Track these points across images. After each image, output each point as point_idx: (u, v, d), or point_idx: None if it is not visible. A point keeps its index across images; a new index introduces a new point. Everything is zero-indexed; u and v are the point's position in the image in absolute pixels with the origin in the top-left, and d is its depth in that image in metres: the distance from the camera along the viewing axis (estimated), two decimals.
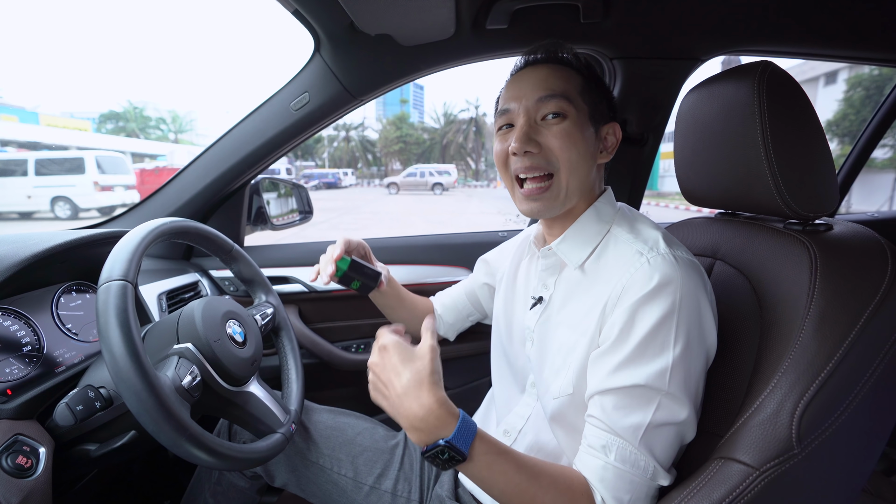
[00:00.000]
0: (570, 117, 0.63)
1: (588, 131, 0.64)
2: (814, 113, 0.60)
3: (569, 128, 0.63)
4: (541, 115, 0.64)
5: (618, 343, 0.56)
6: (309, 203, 1.45)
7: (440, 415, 0.53)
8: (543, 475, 0.56)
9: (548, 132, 0.63)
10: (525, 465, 0.56)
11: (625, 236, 0.63)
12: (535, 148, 0.63)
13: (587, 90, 0.65)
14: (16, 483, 0.56)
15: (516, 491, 0.55)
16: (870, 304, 0.52)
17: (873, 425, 0.56)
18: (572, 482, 0.56)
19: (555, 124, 0.63)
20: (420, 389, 0.53)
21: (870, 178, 11.89)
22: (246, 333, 0.75)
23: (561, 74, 0.65)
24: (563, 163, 0.63)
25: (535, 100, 0.63)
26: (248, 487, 0.91)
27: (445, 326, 1.00)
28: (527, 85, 0.65)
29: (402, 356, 0.56)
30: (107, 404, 0.63)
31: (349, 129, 44.50)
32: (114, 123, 37.65)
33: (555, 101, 0.63)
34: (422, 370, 0.54)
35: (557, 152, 0.63)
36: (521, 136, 0.63)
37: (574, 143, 0.63)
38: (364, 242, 0.88)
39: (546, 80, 0.64)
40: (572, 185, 0.64)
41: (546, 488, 0.55)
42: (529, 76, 0.66)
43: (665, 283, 0.55)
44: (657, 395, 0.54)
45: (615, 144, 0.69)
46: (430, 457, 0.53)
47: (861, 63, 1.29)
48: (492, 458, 0.54)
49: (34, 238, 0.75)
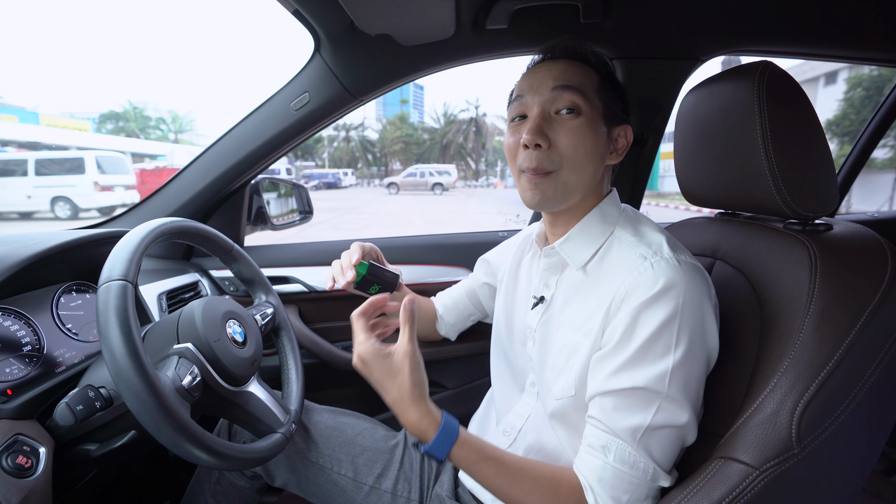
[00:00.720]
0: (584, 114, 0.62)
1: (600, 130, 0.64)
2: (814, 113, 0.60)
3: (581, 125, 0.62)
4: (555, 109, 0.63)
5: (619, 346, 0.56)
6: (309, 203, 1.45)
7: (423, 426, 0.60)
8: (525, 479, 0.59)
9: (560, 127, 0.62)
10: (506, 470, 0.60)
11: (629, 239, 0.63)
12: (545, 143, 0.62)
13: (603, 88, 0.65)
14: (16, 483, 0.56)
15: (500, 493, 0.60)
16: (870, 304, 0.52)
17: (873, 425, 0.56)
18: (559, 484, 0.58)
19: (568, 120, 0.62)
20: (403, 405, 0.61)
21: (870, 178, 11.89)
22: (246, 333, 0.75)
23: (578, 70, 0.64)
24: (569, 161, 0.62)
25: (551, 89, 0.63)
26: (248, 487, 0.91)
27: (447, 327, 1.00)
28: (543, 76, 0.64)
29: (383, 371, 0.62)
30: (107, 404, 0.63)
31: (349, 129, 44.52)
32: (114, 123, 37.66)
33: (570, 93, 0.62)
34: (403, 385, 0.61)
35: (565, 150, 0.62)
36: (533, 127, 0.62)
37: (583, 141, 0.62)
38: (375, 245, 0.85)
39: (564, 72, 0.63)
40: (575, 183, 0.64)
41: (528, 491, 0.58)
42: (546, 69, 0.65)
43: (668, 288, 0.55)
44: (657, 398, 0.54)
45: (625, 147, 0.67)
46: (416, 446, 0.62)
47: (861, 63, 1.29)
48: (471, 463, 0.60)
49: (34, 238, 0.75)
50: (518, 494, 0.58)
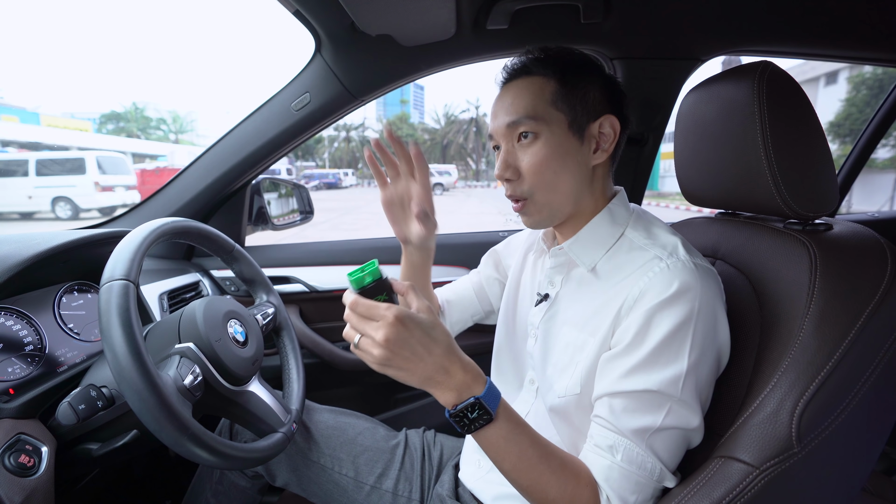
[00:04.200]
0: (542, 135, 0.62)
1: (566, 142, 0.62)
2: (814, 113, 0.60)
3: (540, 149, 0.62)
4: (516, 137, 0.64)
5: (632, 347, 0.56)
6: (310, 203, 1.45)
7: (475, 374, 0.55)
8: (554, 456, 0.57)
9: (522, 154, 0.63)
10: (539, 442, 0.57)
11: (641, 241, 0.62)
12: (513, 175, 0.64)
13: (562, 95, 0.62)
14: (18, 482, 0.57)
15: (527, 465, 0.55)
16: (869, 304, 0.53)
17: (873, 424, 0.56)
18: (580, 471, 0.57)
19: (527, 146, 0.63)
20: (452, 353, 0.54)
21: (870, 178, 11.88)
22: (247, 333, 0.75)
23: (530, 90, 0.62)
24: (538, 185, 0.63)
25: (506, 125, 0.64)
26: (249, 487, 0.91)
27: (448, 324, 0.94)
28: (499, 109, 0.65)
29: (424, 326, 0.53)
30: (109, 403, 0.64)
31: (349, 129, 44.57)
32: (114, 124, 37.72)
33: (523, 123, 0.62)
34: (446, 334, 0.55)
35: (531, 176, 0.63)
36: (499, 164, 0.65)
37: (547, 163, 0.62)
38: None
39: (513, 103, 0.63)
40: (556, 202, 0.64)
41: (554, 470, 0.55)
42: (502, 98, 0.65)
43: (684, 290, 0.54)
44: (668, 401, 0.54)
45: (613, 138, 0.64)
46: (458, 416, 0.54)
47: (861, 63, 1.29)
48: (512, 426, 0.55)
49: (36, 238, 0.75)
50: (542, 471, 0.55)
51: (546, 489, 0.55)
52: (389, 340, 0.51)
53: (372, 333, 0.51)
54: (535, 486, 0.55)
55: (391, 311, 0.51)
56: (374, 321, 0.52)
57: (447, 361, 0.53)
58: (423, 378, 0.53)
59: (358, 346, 0.53)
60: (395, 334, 0.51)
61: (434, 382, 0.54)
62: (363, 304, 0.52)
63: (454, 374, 0.54)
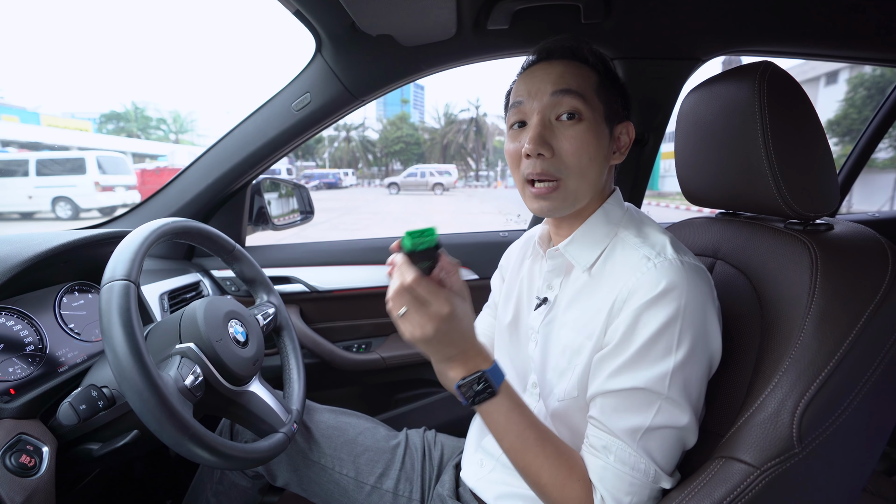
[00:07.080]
0: (586, 119, 0.61)
1: (603, 133, 0.63)
2: (814, 113, 0.60)
3: (583, 131, 0.61)
4: (555, 115, 0.62)
5: (620, 346, 0.56)
6: (310, 203, 1.45)
7: (485, 354, 0.59)
8: (550, 443, 0.59)
9: (562, 134, 0.61)
10: (538, 427, 0.59)
11: (632, 240, 0.62)
12: (547, 151, 0.61)
13: (602, 88, 0.63)
14: (19, 482, 0.57)
15: (523, 446, 0.58)
16: (870, 304, 0.53)
17: (874, 424, 0.56)
18: (575, 463, 0.58)
19: (569, 126, 0.61)
20: (474, 338, 0.58)
21: (871, 178, 11.88)
22: (248, 333, 0.75)
23: (577, 72, 0.62)
24: (574, 168, 0.61)
25: (550, 94, 0.61)
26: (249, 487, 0.91)
27: None
28: (541, 80, 0.62)
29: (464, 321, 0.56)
30: (109, 404, 0.64)
31: (350, 129, 44.54)
32: (115, 124, 37.74)
33: (570, 97, 0.60)
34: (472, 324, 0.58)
35: (569, 157, 0.61)
36: (534, 136, 0.60)
37: (587, 147, 0.61)
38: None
39: (562, 76, 0.62)
40: (582, 189, 0.63)
41: (548, 455, 0.58)
42: (544, 71, 0.62)
43: (670, 289, 0.54)
44: (657, 399, 0.54)
45: (628, 144, 0.66)
46: (465, 386, 0.57)
47: (861, 63, 1.29)
48: (513, 405, 0.59)
49: (36, 238, 0.75)
50: (537, 453, 0.57)
51: (539, 472, 0.57)
52: (438, 331, 0.53)
53: (421, 320, 0.53)
54: (529, 468, 0.58)
55: (447, 307, 0.53)
56: (426, 308, 0.53)
57: (469, 346, 0.58)
58: (445, 357, 0.57)
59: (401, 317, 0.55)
60: (443, 327, 0.53)
61: (453, 362, 0.58)
62: (425, 287, 0.53)
63: (472, 356, 0.58)
